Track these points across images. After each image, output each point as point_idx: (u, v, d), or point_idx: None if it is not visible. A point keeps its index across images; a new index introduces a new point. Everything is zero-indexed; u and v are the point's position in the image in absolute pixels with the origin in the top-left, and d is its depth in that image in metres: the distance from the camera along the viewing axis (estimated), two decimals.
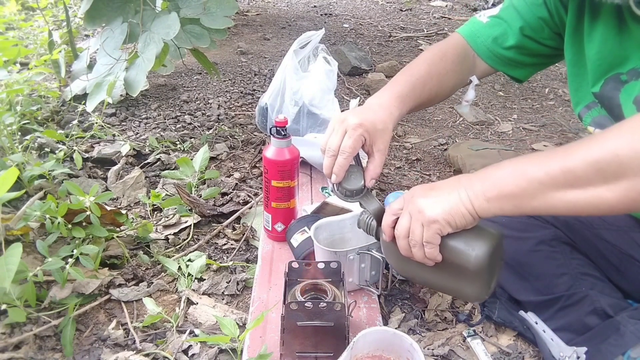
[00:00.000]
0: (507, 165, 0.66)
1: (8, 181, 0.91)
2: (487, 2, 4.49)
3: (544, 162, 0.62)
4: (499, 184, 0.65)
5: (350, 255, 0.93)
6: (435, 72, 0.93)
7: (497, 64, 0.96)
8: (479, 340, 0.96)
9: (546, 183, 0.62)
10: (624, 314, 0.82)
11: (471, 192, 0.67)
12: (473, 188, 0.67)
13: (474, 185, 0.67)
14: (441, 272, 0.74)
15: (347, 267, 0.93)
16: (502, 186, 0.65)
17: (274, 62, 2.52)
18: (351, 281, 0.97)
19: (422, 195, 0.71)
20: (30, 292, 0.92)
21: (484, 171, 0.68)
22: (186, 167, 1.38)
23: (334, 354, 0.82)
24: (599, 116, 0.82)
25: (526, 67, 0.97)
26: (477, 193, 0.67)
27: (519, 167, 0.65)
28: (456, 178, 0.71)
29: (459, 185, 0.69)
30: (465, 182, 0.69)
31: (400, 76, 0.92)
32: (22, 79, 1.65)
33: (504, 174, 0.66)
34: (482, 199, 0.66)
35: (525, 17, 0.90)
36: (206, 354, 0.89)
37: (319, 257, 0.97)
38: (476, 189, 0.67)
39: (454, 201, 0.68)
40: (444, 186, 0.71)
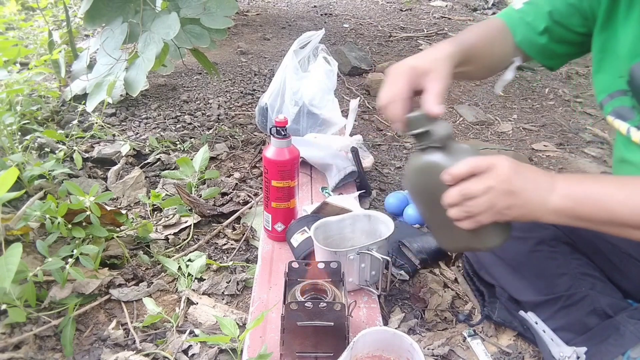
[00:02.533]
0: (593, 189, 0.67)
1: (8, 181, 0.91)
2: (487, 2, 4.49)
3: (632, 201, 0.64)
4: (579, 207, 0.67)
5: (350, 255, 0.93)
6: (485, 36, 0.91)
7: (531, 50, 0.93)
8: (479, 340, 0.96)
9: (628, 223, 0.64)
10: (623, 314, 0.82)
11: (552, 204, 0.67)
12: (555, 200, 0.67)
13: (557, 198, 0.67)
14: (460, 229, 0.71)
15: (347, 267, 0.93)
16: (581, 210, 0.67)
17: (274, 62, 2.52)
18: (351, 281, 0.97)
19: (514, 180, 0.67)
20: (30, 292, 0.92)
21: (571, 184, 0.68)
22: (186, 167, 1.38)
23: (334, 354, 0.82)
24: (620, 106, 0.81)
25: (558, 57, 0.94)
26: (556, 207, 0.67)
27: (605, 197, 0.66)
28: (550, 178, 0.69)
29: (549, 188, 0.68)
30: (552, 187, 0.68)
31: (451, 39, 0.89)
32: (22, 79, 1.65)
33: (589, 198, 0.67)
34: (554, 215, 0.68)
35: (554, 2, 0.87)
36: (206, 354, 0.89)
37: (319, 257, 0.97)
38: (556, 202, 0.67)
39: (535, 203, 0.68)
40: (536, 179, 0.68)
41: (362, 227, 1.05)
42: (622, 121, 0.81)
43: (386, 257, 0.94)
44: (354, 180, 1.41)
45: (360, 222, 1.05)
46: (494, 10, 4.36)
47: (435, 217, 0.74)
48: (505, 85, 0.95)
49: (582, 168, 1.73)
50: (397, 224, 1.17)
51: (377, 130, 1.94)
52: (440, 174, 0.69)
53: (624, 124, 0.80)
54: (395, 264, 1.11)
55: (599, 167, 1.73)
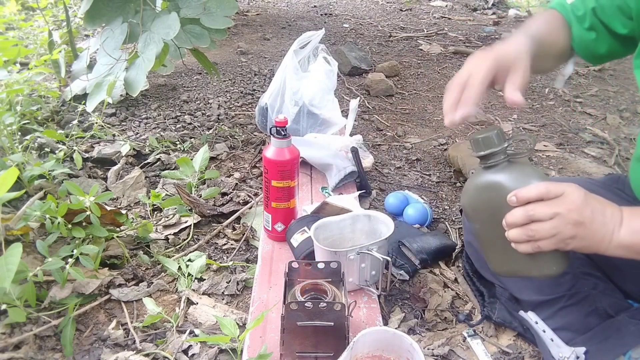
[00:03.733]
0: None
1: (8, 181, 0.91)
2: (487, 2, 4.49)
3: None
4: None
5: (350, 255, 0.93)
6: (551, 28, 0.90)
7: (578, 46, 0.92)
8: (479, 340, 0.96)
9: None
10: (624, 314, 0.82)
11: (619, 239, 0.68)
12: (624, 236, 0.68)
13: (626, 233, 0.68)
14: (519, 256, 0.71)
15: (347, 267, 0.93)
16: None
17: (274, 62, 2.52)
18: (351, 281, 0.97)
19: (583, 211, 0.67)
20: (30, 292, 0.92)
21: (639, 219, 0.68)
22: (186, 167, 1.38)
23: (334, 354, 0.82)
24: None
25: (601, 56, 0.93)
26: (623, 242, 0.68)
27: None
28: (618, 212, 0.70)
29: (617, 222, 0.68)
30: (620, 221, 0.69)
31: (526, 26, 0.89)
32: (22, 79, 1.65)
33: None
34: (620, 250, 0.68)
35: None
36: (206, 354, 0.89)
37: (319, 257, 0.97)
38: (624, 238, 0.68)
39: (600, 237, 0.68)
40: (604, 211, 0.68)
41: (362, 227, 1.05)
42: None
43: (386, 257, 0.94)
44: (354, 180, 1.41)
45: (360, 222, 1.05)
46: (493, 10, 4.36)
47: (492, 238, 0.74)
48: (566, 80, 0.92)
49: (582, 168, 1.73)
50: (397, 224, 1.16)
51: (377, 130, 1.94)
52: (504, 195, 0.69)
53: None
54: (395, 264, 1.11)
55: (599, 167, 1.73)
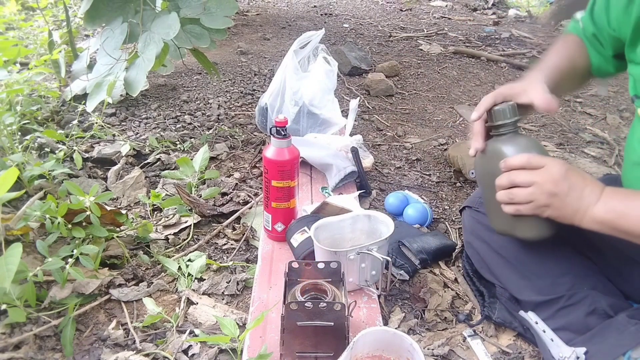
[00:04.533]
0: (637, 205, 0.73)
1: (8, 181, 0.91)
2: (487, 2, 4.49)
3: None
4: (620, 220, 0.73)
5: (350, 255, 0.93)
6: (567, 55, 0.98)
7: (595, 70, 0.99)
8: (479, 340, 0.96)
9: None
10: (624, 315, 0.82)
11: (594, 214, 0.74)
12: (599, 211, 0.74)
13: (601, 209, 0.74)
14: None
15: (347, 267, 0.93)
16: (622, 223, 0.73)
17: (274, 62, 2.52)
18: (351, 281, 0.97)
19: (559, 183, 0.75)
20: (30, 292, 0.92)
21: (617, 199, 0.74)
22: (186, 167, 1.38)
23: (334, 354, 0.82)
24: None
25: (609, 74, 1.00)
26: (598, 217, 0.74)
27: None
28: (599, 190, 0.75)
29: (593, 198, 0.74)
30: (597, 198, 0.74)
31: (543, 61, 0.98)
32: (22, 79, 1.65)
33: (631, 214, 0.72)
34: (595, 224, 0.74)
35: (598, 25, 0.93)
36: (206, 354, 0.89)
37: (319, 257, 0.97)
38: (599, 213, 0.74)
39: (573, 210, 0.75)
40: (584, 187, 0.75)
41: (362, 227, 1.05)
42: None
43: (386, 257, 0.94)
44: (354, 180, 1.41)
45: (360, 222, 1.05)
46: (493, 10, 4.36)
47: (491, 199, 0.86)
48: (606, 87, 1.02)
49: (582, 168, 1.73)
50: (397, 224, 1.17)
51: (377, 130, 1.94)
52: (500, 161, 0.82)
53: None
54: (395, 264, 1.11)
55: (599, 167, 1.73)
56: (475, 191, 1.12)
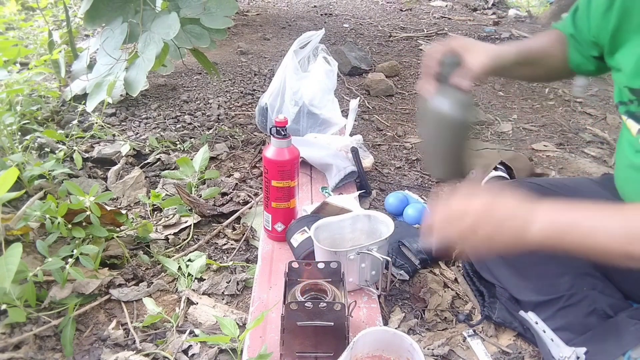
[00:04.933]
0: (575, 219, 0.70)
1: (8, 181, 0.91)
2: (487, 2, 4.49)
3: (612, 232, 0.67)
4: (560, 238, 0.70)
5: (350, 255, 0.93)
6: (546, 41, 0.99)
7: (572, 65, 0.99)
8: (479, 340, 0.96)
9: (609, 254, 0.67)
10: (624, 315, 0.82)
11: (532, 235, 0.70)
12: (536, 231, 0.70)
13: (538, 229, 0.70)
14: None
15: (347, 267, 0.93)
16: (562, 241, 0.70)
17: (274, 62, 2.52)
18: (351, 281, 0.97)
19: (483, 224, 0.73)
20: (30, 292, 0.92)
21: (553, 215, 0.71)
22: (186, 167, 1.38)
23: (334, 354, 0.82)
24: (635, 111, 0.83)
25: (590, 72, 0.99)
26: (536, 238, 0.70)
27: (586, 229, 0.69)
28: (530, 209, 0.72)
29: (528, 219, 0.71)
30: (532, 218, 0.71)
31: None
32: (22, 79, 1.65)
33: (569, 231, 0.69)
34: (536, 245, 0.71)
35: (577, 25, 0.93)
36: (206, 354, 0.89)
37: (319, 257, 0.97)
38: (536, 233, 0.70)
39: (511, 236, 0.72)
40: (514, 212, 0.72)
41: (362, 227, 1.05)
42: (634, 122, 0.82)
43: (386, 257, 0.94)
44: (354, 180, 1.41)
45: (360, 222, 1.05)
46: (493, 10, 4.36)
47: (428, 146, 0.96)
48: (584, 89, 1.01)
49: (582, 168, 1.73)
50: (397, 224, 1.16)
51: (377, 130, 1.94)
52: (440, 120, 0.89)
53: (636, 125, 0.81)
54: (395, 264, 1.11)
55: (599, 167, 1.73)
56: None
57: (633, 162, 0.84)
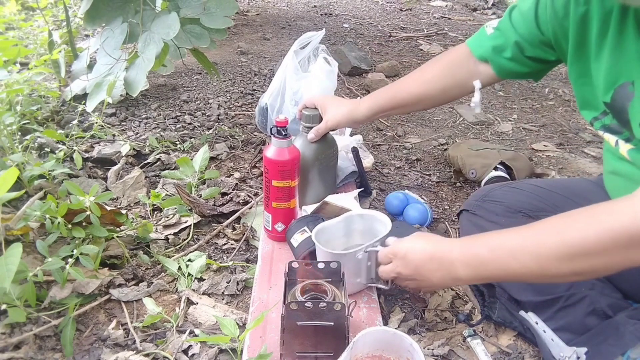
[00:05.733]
0: (486, 253, 0.74)
1: (8, 181, 0.91)
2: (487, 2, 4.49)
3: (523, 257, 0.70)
4: (480, 272, 0.75)
5: (358, 254, 0.93)
6: (419, 77, 1.09)
7: (500, 72, 0.99)
8: (479, 340, 0.96)
9: (528, 276, 0.72)
10: (623, 314, 0.82)
11: (458, 275, 0.77)
12: (459, 272, 0.77)
13: (460, 270, 0.77)
14: None
15: (355, 267, 0.93)
16: (483, 274, 0.75)
17: (274, 62, 2.52)
18: (359, 281, 0.97)
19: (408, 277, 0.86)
20: (30, 292, 0.92)
21: (466, 253, 0.77)
22: (186, 167, 1.38)
23: (334, 354, 0.82)
24: (609, 124, 0.83)
25: (530, 74, 0.99)
26: (461, 277, 0.77)
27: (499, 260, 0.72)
28: (448, 253, 0.79)
29: (450, 263, 0.78)
30: (452, 261, 0.78)
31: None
32: (22, 79, 1.65)
33: (486, 264, 0.73)
34: (465, 282, 0.83)
35: (520, 32, 0.92)
36: (206, 354, 0.89)
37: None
38: (460, 274, 0.77)
39: (441, 283, 0.82)
40: (427, 274, 0.82)
41: (357, 227, 1.04)
42: (611, 134, 0.83)
43: (379, 248, 0.93)
44: (354, 180, 1.41)
45: (355, 223, 1.04)
46: (493, 10, 4.36)
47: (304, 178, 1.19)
48: (479, 106, 1.04)
49: (582, 168, 1.73)
50: (397, 224, 1.16)
51: (377, 130, 1.95)
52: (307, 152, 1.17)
53: (612, 137, 0.82)
54: None
55: (599, 167, 1.73)
56: (473, 194, 1.13)
57: (615, 168, 0.85)
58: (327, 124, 1.15)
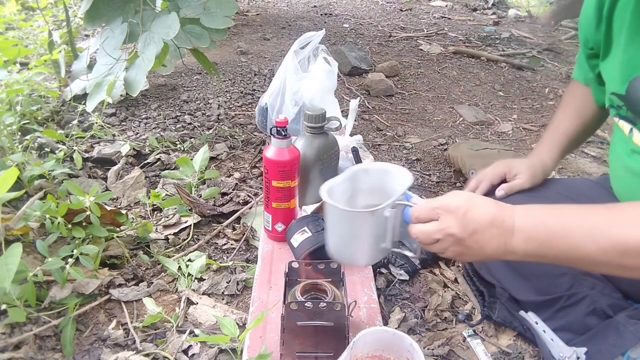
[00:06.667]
0: (556, 226, 0.67)
1: (8, 181, 0.91)
2: (487, 2, 4.49)
3: (596, 237, 0.64)
4: (543, 249, 0.68)
5: (386, 212, 0.76)
6: (576, 122, 1.07)
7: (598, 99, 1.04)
8: (479, 340, 0.96)
9: (597, 260, 0.65)
10: (623, 314, 0.82)
11: (514, 247, 0.69)
12: (517, 244, 0.69)
13: (520, 242, 0.69)
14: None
15: (379, 229, 0.78)
16: (546, 251, 0.68)
17: (274, 62, 2.52)
18: (383, 247, 0.81)
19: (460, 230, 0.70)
20: (30, 292, 0.92)
21: (532, 225, 0.69)
22: (186, 167, 1.38)
23: (334, 354, 0.82)
24: (625, 115, 0.84)
25: None
26: (518, 250, 0.69)
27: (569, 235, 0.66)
28: (509, 221, 0.69)
29: (507, 232, 0.69)
30: (511, 230, 0.69)
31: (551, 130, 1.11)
32: (22, 79, 1.65)
33: (552, 238, 0.67)
34: (519, 257, 0.70)
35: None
36: (206, 354, 0.89)
37: (345, 227, 0.79)
38: (518, 246, 0.69)
39: (491, 248, 0.70)
40: (489, 223, 0.70)
41: (364, 187, 0.88)
42: (626, 122, 0.82)
43: (411, 204, 0.78)
44: None
45: (360, 181, 0.88)
46: (493, 10, 4.37)
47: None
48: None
49: (582, 168, 1.73)
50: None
51: (377, 130, 1.95)
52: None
53: (627, 124, 0.82)
54: (395, 264, 1.11)
55: (599, 167, 1.73)
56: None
57: (627, 164, 0.84)
58: (526, 185, 1.02)
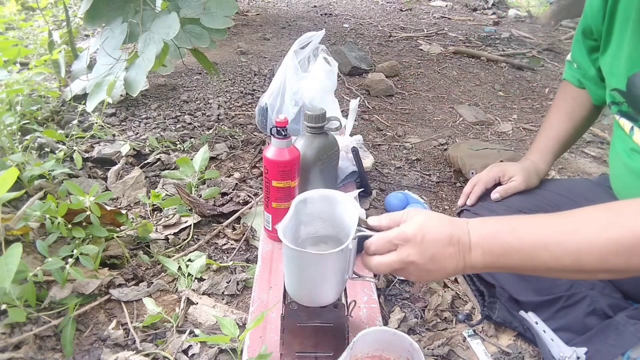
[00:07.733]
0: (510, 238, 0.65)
1: (8, 181, 0.91)
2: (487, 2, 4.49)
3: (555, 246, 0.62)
4: (501, 260, 0.66)
5: (350, 245, 0.72)
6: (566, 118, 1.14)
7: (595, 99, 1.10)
8: (479, 340, 0.96)
9: (554, 268, 0.64)
10: (623, 314, 0.82)
11: (472, 262, 0.67)
12: (475, 258, 0.67)
13: (477, 256, 0.67)
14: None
15: (342, 263, 0.74)
16: (504, 263, 0.66)
17: (274, 62, 2.52)
18: (346, 278, 0.78)
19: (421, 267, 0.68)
20: (30, 292, 0.92)
21: (487, 240, 0.67)
22: (186, 167, 1.38)
23: (334, 354, 0.82)
24: (626, 111, 0.85)
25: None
26: (476, 264, 0.67)
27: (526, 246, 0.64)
28: (463, 236, 0.67)
29: (459, 257, 0.67)
30: (466, 254, 0.67)
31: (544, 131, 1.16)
32: (22, 79, 1.65)
33: (509, 250, 0.65)
34: (478, 270, 0.69)
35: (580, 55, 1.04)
36: (206, 354, 0.89)
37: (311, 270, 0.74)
38: (476, 260, 0.67)
39: (450, 266, 0.68)
40: (443, 261, 0.67)
41: (304, 218, 0.85)
42: (627, 120, 0.83)
43: (371, 233, 0.74)
44: (354, 180, 1.41)
45: (301, 212, 0.85)
46: (493, 10, 4.37)
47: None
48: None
49: (582, 168, 1.73)
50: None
51: (377, 130, 1.95)
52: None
53: (628, 122, 0.82)
54: None
55: (599, 167, 1.73)
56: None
57: (627, 163, 0.84)
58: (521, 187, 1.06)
